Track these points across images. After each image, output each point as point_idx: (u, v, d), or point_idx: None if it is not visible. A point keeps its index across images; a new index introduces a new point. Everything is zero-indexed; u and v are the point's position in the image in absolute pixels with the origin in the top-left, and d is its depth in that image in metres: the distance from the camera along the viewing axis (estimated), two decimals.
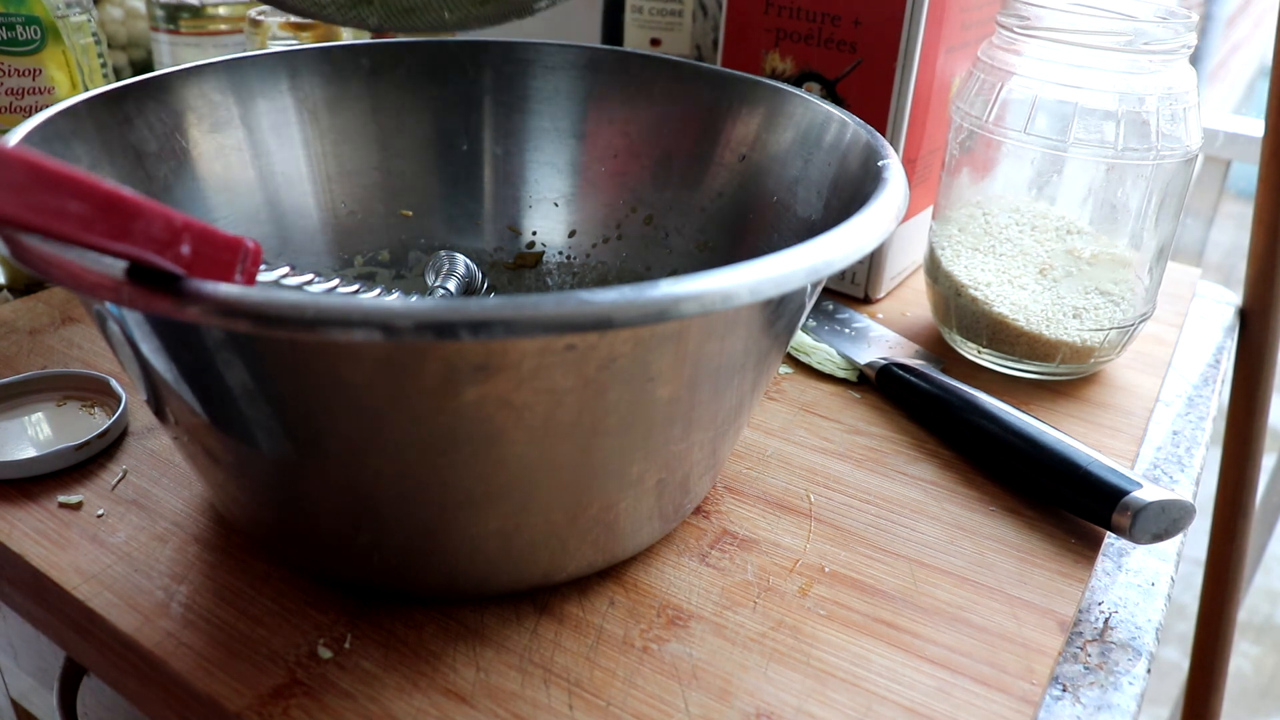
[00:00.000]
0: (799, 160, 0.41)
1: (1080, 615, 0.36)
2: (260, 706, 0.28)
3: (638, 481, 0.30)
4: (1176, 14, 0.44)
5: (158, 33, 0.68)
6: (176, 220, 0.23)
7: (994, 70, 0.46)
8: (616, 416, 0.27)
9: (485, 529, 0.29)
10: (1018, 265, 0.47)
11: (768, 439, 0.42)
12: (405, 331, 0.22)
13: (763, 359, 0.31)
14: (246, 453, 0.29)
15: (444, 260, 0.47)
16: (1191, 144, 0.44)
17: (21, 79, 0.52)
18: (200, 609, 0.32)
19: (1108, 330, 0.46)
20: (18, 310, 0.49)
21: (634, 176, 0.48)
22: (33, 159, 0.19)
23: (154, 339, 0.26)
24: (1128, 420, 0.45)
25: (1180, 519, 0.35)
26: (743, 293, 0.24)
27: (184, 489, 0.37)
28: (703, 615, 0.33)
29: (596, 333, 0.24)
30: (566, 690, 0.29)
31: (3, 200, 0.19)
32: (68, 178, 0.20)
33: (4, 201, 0.19)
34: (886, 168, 0.33)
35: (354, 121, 0.47)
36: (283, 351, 0.25)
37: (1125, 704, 0.32)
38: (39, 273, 0.23)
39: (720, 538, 0.36)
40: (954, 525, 0.38)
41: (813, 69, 0.53)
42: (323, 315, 0.22)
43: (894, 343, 0.49)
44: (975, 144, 0.48)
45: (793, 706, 0.29)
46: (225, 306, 0.22)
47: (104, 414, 0.41)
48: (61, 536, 0.34)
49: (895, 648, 0.32)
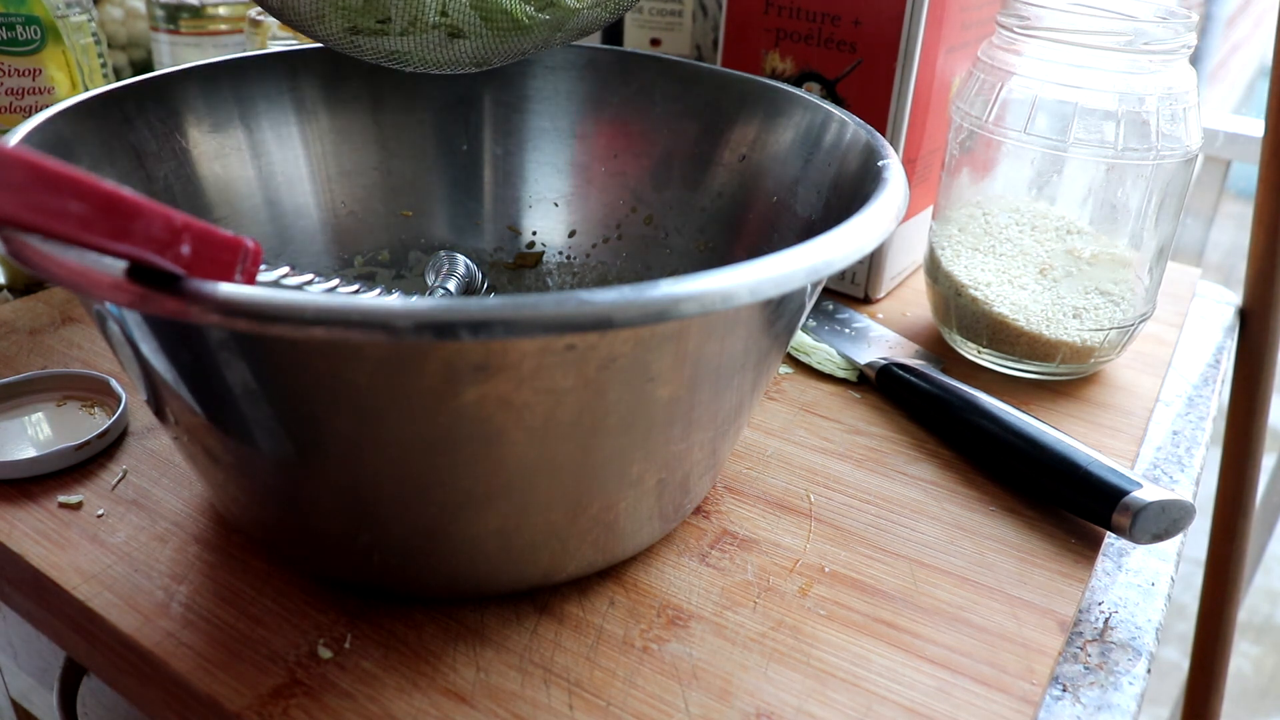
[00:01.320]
0: (799, 160, 0.41)
1: (1080, 615, 0.36)
2: (260, 706, 0.28)
3: (638, 481, 0.30)
4: (1176, 14, 0.44)
5: (158, 33, 0.68)
6: (176, 220, 0.23)
7: (994, 70, 0.46)
8: (616, 416, 0.27)
9: (485, 529, 0.29)
10: (1018, 265, 0.47)
11: (768, 439, 0.42)
12: (405, 331, 0.22)
13: (763, 359, 0.31)
14: (246, 453, 0.29)
15: (444, 260, 0.47)
16: (1191, 144, 0.44)
17: (21, 79, 0.52)
18: (200, 609, 0.32)
19: (1108, 330, 0.46)
20: (18, 310, 0.49)
21: (634, 176, 0.48)
22: (33, 159, 0.19)
23: (154, 339, 0.26)
24: (1128, 420, 0.45)
25: (1180, 519, 0.35)
26: (743, 293, 0.24)
27: (184, 489, 0.37)
28: (703, 615, 0.33)
29: (596, 333, 0.24)
30: (566, 690, 0.29)
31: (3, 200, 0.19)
32: (68, 178, 0.20)
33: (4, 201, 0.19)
34: (886, 168, 0.33)
35: (354, 121, 0.47)
36: (282, 351, 0.25)
37: (1125, 704, 0.32)
38: (39, 273, 0.23)
39: (720, 538, 0.36)
40: (954, 525, 0.38)
41: (813, 69, 0.53)
42: (322, 315, 0.22)
43: (894, 343, 0.49)
44: (975, 144, 0.48)
45: (793, 706, 0.29)
46: (225, 306, 0.22)
47: (104, 414, 0.41)
48: (62, 536, 0.34)
49: (895, 648, 0.32)
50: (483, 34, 0.35)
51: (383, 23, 0.34)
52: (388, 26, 0.34)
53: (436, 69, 0.36)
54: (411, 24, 0.34)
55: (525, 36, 0.36)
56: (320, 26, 0.35)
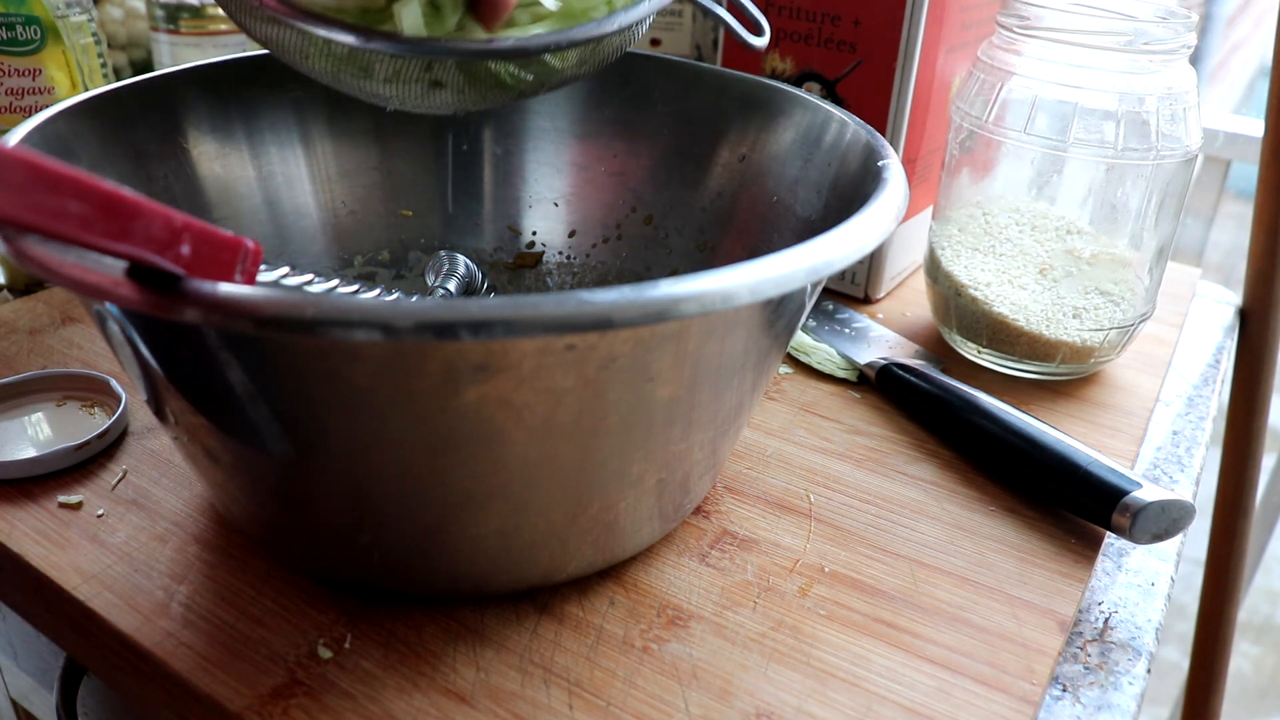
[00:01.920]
0: (799, 160, 0.41)
1: (1080, 615, 0.36)
2: (260, 706, 0.28)
3: (638, 481, 0.30)
4: (1176, 14, 0.44)
5: (158, 33, 0.68)
6: (176, 220, 0.23)
7: (994, 70, 0.46)
8: (616, 416, 0.27)
9: (485, 528, 0.29)
10: (1018, 265, 0.47)
11: (768, 439, 0.42)
12: (405, 332, 0.22)
13: (763, 359, 0.31)
14: (247, 453, 0.29)
15: (444, 260, 0.47)
16: (1191, 144, 0.44)
17: (21, 79, 0.52)
18: (200, 609, 0.32)
19: (1107, 330, 0.46)
20: (18, 310, 0.49)
21: (634, 176, 0.48)
22: (33, 159, 0.19)
23: (154, 339, 0.26)
24: (1128, 420, 0.45)
25: (1180, 519, 0.35)
26: (743, 293, 0.24)
27: (184, 489, 0.37)
28: (703, 615, 0.33)
29: (596, 333, 0.24)
30: (566, 690, 0.29)
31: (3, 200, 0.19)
32: (68, 178, 0.20)
33: (4, 202, 0.19)
34: (886, 168, 0.33)
35: (354, 121, 0.47)
36: (282, 352, 0.25)
37: (1125, 704, 0.32)
38: (40, 274, 0.23)
39: (720, 538, 0.36)
40: (954, 525, 0.38)
41: (813, 69, 0.53)
42: (323, 316, 0.22)
43: (894, 343, 0.49)
44: (975, 144, 0.48)
45: (793, 706, 0.29)
46: (225, 307, 0.22)
47: (104, 414, 0.41)
48: (61, 536, 0.34)
49: (895, 648, 0.32)
50: (465, 89, 0.36)
51: (365, 70, 0.35)
52: (372, 73, 0.35)
53: (417, 110, 0.37)
54: (395, 75, 0.35)
55: (507, 92, 0.37)
56: (305, 64, 0.35)
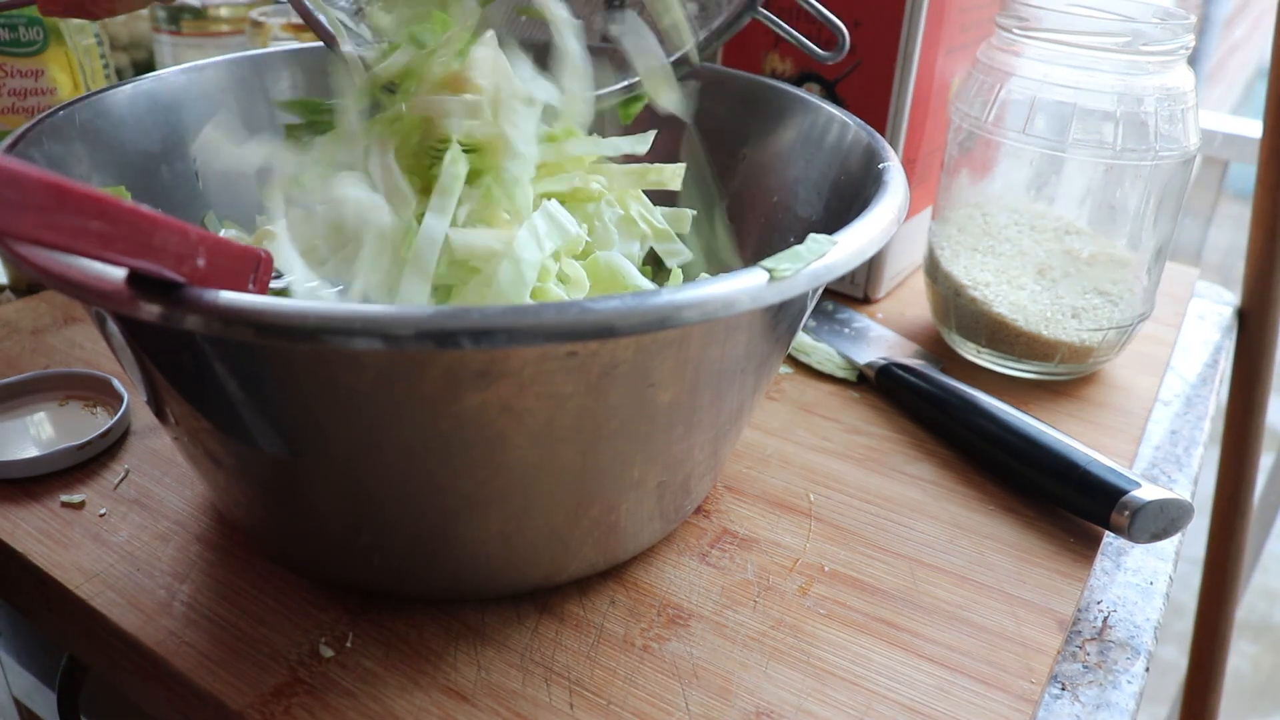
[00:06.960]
0: (799, 160, 0.41)
1: (1079, 614, 0.36)
2: (262, 705, 0.29)
3: (639, 483, 0.31)
4: (1174, 15, 0.44)
5: (159, 34, 0.68)
6: (192, 234, 0.23)
7: (993, 71, 0.46)
8: (618, 421, 0.27)
9: (487, 531, 0.30)
10: (1017, 265, 0.47)
11: (768, 439, 0.42)
12: (406, 340, 0.22)
13: (763, 362, 0.31)
14: (248, 456, 0.29)
15: None
16: (1190, 144, 0.44)
17: (24, 80, 0.52)
18: (202, 608, 0.32)
19: (1106, 330, 0.46)
20: (20, 310, 0.49)
21: None
22: (54, 180, 0.19)
23: (154, 345, 0.26)
24: (1126, 420, 0.46)
25: (1178, 518, 0.36)
26: (744, 300, 0.25)
27: (186, 488, 0.37)
28: (703, 614, 0.33)
29: (598, 340, 0.24)
30: (567, 689, 0.30)
31: (26, 221, 0.19)
32: (89, 198, 0.20)
33: (27, 223, 0.19)
34: (887, 170, 0.33)
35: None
36: (283, 358, 0.25)
37: (1124, 702, 0.32)
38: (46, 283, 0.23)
39: (720, 537, 0.36)
40: (953, 525, 0.38)
41: (813, 69, 0.53)
42: (324, 324, 0.22)
43: (894, 343, 0.50)
44: (974, 144, 0.48)
45: (793, 705, 0.30)
46: (226, 315, 0.22)
47: (106, 413, 0.41)
48: (64, 536, 0.35)
49: (895, 646, 0.32)
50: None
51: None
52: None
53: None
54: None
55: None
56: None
